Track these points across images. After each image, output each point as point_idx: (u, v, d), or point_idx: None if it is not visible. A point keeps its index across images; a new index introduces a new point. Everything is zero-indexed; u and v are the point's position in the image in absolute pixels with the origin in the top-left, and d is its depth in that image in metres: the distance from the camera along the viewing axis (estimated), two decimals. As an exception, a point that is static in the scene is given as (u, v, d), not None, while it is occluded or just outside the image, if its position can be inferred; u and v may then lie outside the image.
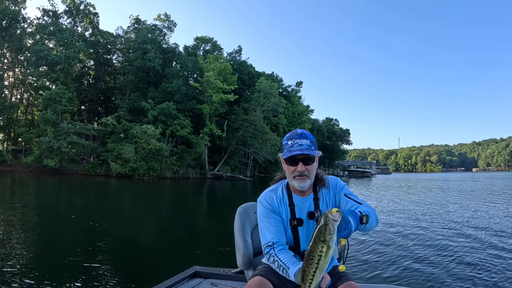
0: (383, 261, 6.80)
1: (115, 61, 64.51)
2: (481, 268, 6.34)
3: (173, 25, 64.47)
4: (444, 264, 6.61)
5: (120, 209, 15.08)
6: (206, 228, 11.21)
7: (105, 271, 5.77)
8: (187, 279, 3.14)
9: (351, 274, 5.34)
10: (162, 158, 45.07)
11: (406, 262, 6.74)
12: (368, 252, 7.52)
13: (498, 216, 13.22)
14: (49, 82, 48.93)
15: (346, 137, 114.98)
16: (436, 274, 6.00)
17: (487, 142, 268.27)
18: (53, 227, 10.26)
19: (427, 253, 7.45)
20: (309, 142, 1.93)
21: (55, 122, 42.60)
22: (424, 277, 5.85)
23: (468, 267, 6.41)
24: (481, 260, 6.89)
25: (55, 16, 54.41)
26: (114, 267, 6.09)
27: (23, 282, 5.12)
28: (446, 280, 5.69)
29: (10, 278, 5.27)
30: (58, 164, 41.54)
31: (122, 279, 5.40)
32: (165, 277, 5.02)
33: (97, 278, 5.35)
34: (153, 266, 5.99)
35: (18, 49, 49.55)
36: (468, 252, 7.59)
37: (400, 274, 6.00)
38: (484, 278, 5.78)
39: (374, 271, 6.19)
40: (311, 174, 1.96)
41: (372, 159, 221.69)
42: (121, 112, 50.30)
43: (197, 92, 53.18)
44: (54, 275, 5.49)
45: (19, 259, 6.38)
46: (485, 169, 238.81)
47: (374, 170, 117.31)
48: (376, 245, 8.21)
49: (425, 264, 6.63)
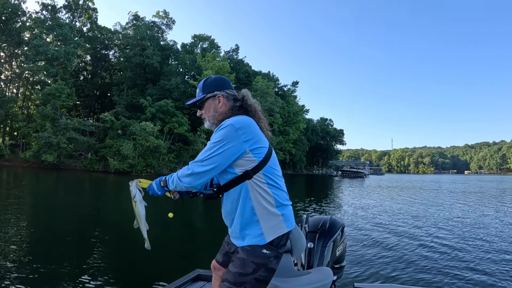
0: (383, 261, 6.85)
1: (112, 57, 64.61)
2: (481, 267, 6.54)
3: (172, 22, 64.73)
4: (443, 263, 6.75)
5: (119, 206, 14.89)
6: (207, 228, 11.00)
7: (105, 274, 5.58)
8: (189, 282, 3.14)
9: (351, 274, 5.73)
10: (159, 155, 45.41)
11: (405, 262, 6.84)
12: (368, 252, 7.61)
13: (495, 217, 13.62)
14: (47, 77, 48.94)
15: (340, 137, 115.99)
16: (435, 274, 6.09)
17: (480, 145, 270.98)
18: (51, 226, 9.92)
19: (426, 253, 7.60)
20: (198, 90, 2.07)
21: (53, 117, 42.67)
22: (424, 276, 5.94)
23: (467, 267, 6.56)
24: (481, 260, 7.08)
25: (54, 10, 54.32)
26: (115, 270, 5.91)
27: (16, 277, 5.04)
28: (445, 279, 5.79)
29: (5, 273, 5.21)
30: (56, 160, 41.67)
31: (123, 283, 5.24)
32: (167, 280, 5.24)
33: (96, 282, 5.12)
34: (155, 270, 5.82)
35: (17, 43, 49.42)
36: (467, 251, 7.80)
37: (400, 274, 6.01)
38: (483, 277, 5.94)
39: (374, 270, 6.25)
40: (207, 115, 2.01)
41: (365, 159, 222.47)
42: (119, 109, 50.43)
43: (195, 90, 53.31)
44: (49, 277, 5.27)
45: (12, 255, 6.28)
46: (477, 172, 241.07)
47: (368, 170, 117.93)
48: (375, 244, 8.37)
49: (424, 264, 6.72)
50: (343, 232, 2.99)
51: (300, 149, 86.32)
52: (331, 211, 15.60)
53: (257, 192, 1.79)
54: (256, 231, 1.80)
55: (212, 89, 2.01)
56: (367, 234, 9.69)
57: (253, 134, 1.80)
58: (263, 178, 1.80)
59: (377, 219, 12.73)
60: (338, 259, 2.90)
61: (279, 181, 1.89)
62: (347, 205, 17.98)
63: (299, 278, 2.24)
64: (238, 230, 1.85)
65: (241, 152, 1.76)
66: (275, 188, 1.84)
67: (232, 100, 2.01)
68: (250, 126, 1.82)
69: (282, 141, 72.07)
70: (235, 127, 1.75)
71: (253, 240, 1.79)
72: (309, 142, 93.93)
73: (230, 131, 1.75)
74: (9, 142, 46.90)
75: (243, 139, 1.76)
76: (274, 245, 1.80)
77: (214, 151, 1.75)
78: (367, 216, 13.43)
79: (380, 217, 13.33)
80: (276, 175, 1.88)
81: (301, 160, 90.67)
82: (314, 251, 2.77)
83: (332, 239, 2.84)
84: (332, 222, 2.97)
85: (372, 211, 15.36)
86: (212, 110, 2.00)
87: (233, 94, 2.03)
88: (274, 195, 1.82)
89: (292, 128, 77.57)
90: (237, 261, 1.81)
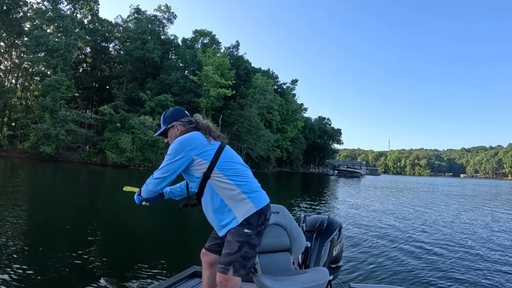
0: (380, 262, 6.87)
1: (112, 49, 64.45)
2: (480, 267, 6.68)
3: (173, 16, 64.61)
4: (439, 264, 6.83)
5: (116, 201, 14.84)
6: (204, 225, 10.78)
7: (101, 269, 5.58)
8: (186, 279, 3.15)
9: (348, 274, 5.88)
10: (158, 150, 45.45)
11: (402, 263, 6.87)
12: (365, 252, 7.64)
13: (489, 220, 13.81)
14: (46, 68, 48.81)
15: (338, 136, 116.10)
16: (432, 274, 6.14)
17: (476, 149, 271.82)
18: (47, 217, 9.89)
19: (423, 254, 7.66)
20: (161, 122, 2.50)
21: (53, 109, 42.64)
22: (422, 277, 5.99)
23: (463, 268, 6.66)
24: (478, 259, 7.23)
25: (55, 1, 54.09)
26: (111, 266, 5.88)
27: (9, 271, 4.99)
28: (440, 280, 5.86)
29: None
30: (54, 151, 41.69)
31: (120, 278, 5.16)
32: (164, 276, 5.20)
33: (93, 277, 5.10)
34: (152, 266, 5.78)
35: (18, 33, 49.21)
36: (462, 252, 7.93)
37: (396, 275, 6.04)
38: (478, 277, 6.06)
39: (371, 270, 6.29)
40: (171, 142, 2.36)
41: (362, 159, 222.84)
42: (118, 102, 50.37)
43: (195, 86, 53.45)
44: (44, 273, 5.21)
45: (5, 246, 6.26)
46: (473, 175, 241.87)
47: (364, 170, 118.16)
48: (372, 245, 8.41)
49: (421, 265, 6.77)
50: (341, 232, 3.05)
51: (298, 147, 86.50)
52: (328, 210, 15.73)
53: (220, 187, 2.18)
54: (230, 217, 2.16)
55: (170, 120, 2.46)
56: (364, 234, 9.79)
57: (196, 143, 2.22)
58: (220, 174, 2.18)
59: (374, 219, 12.84)
60: (335, 259, 2.97)
61: (241, 171, 2.26)
62: (343, 205, 18.10)
63: (295, 277, 2.34)
64: (218, 222, 2.22)
65: (190, 159, 2.20)
66: (237, 178, 2.21)
67: (188, 124, 2.43)
68: (193, 138, 2.25)
69: (280, 138, 72.22)
70: (180, 142, 2.21)
71: (231, 225, 2.16)
72: (307, 140, 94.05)
73: (176, 146, 2.20)
74: (7, 132, 46.77)
75: (188, 148, 2.19)
76: (253, 225, 2.15)
77: (167, 162, 2.21)
78: (364, 216, 13.55)
79: (377, 217, 13.44)
80: (234, 168, 2.25)
81: (298, 158, 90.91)
82: (311, 250, 2.85)
83: (330, 239, 2.91)
84: (330, 222, 3.04)
85: (369, 211, 15.50)
86: (174, 137, 2.39)
87: (188, 120, 2.46)
88: (238, 185, 2.19)
89: (290, 126, 77.74)
90: (226, 244, 2.17)
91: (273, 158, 70.16)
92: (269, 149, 62.83)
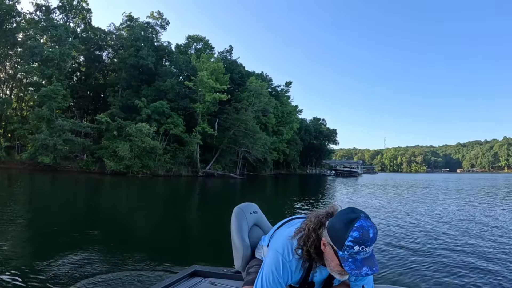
0: (379, 261, 6.53)
1: (106, 58, 64.56)
2: (480, 266, 6.62)
3: (166, 23, 64.63)
4: (440, 263, 6.77)
5: (116, 205, 14.71)
6: (204, 226, 10.98)
7: (101, 269, 5.68)
8: (186, 278, 3.16)
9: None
10: (155, 156, 45.60)
11: (402, 262, 6.86)
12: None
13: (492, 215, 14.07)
14: (41, 78, 48.81)
15: (333, 136, 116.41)
16: (432, 273, 6.10)
17: (472, 143, 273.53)
18: (50, 224, 10.06)
19: (422, 253, 7.62)
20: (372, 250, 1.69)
21: (49, 119, 42.72)
22: (421, 276, 5.94)
23: (466, 266, 6.56)
24: (480, 258, 7.11)
25: (48, 11, 54.25)
26: (111, 266, 5.91)
27: (10, 275, 5.11)
28: (442, 279, 5.81)
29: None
30: (52, 161, 41.75)
31: (120, 279, 5.24)
32: (164, 275, 5.33)
33: (93, 277, 5.21)
34: (152, 265, 5.88)
35: (12, 44, 49.32)
36: (466, 251, 7.85)
37: (396, 275, 6.01)
38: (482, 276, 5.95)
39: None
40: None
41: (358, 159, 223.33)
42: (114, 110, 50.45)
43: (190, 91, 53.66)
44: (44, 273, 5.37)
45: (6, 254, 6.38)
46: (469, 170, 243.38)
47: (361, 169, 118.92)
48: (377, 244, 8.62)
49: (421, 264, 6.72)
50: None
51: (294, 149, 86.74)
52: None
53: None
54: None
55: None
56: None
57: None
58: None
59: (374, 218, 12.80)
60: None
61: None
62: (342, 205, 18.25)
63: None
64: None
65: None
66: None
67: None
68: None
69: (276, 141, 72.45)
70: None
71: None
72: (303, 142, 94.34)
73: None
74: (4, 144, 46.79)
75: None
76: None
77: None
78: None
79: (376, 215, 13.61)
80: None
81: (295, 160, 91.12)
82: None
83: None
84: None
85: (368, 210, 15.73)
86: None
87: None
88: None
89: (285, 128, 78.04)
90: None
91: (270, 161, 70.33)
92: (266, 152, 63.01)
